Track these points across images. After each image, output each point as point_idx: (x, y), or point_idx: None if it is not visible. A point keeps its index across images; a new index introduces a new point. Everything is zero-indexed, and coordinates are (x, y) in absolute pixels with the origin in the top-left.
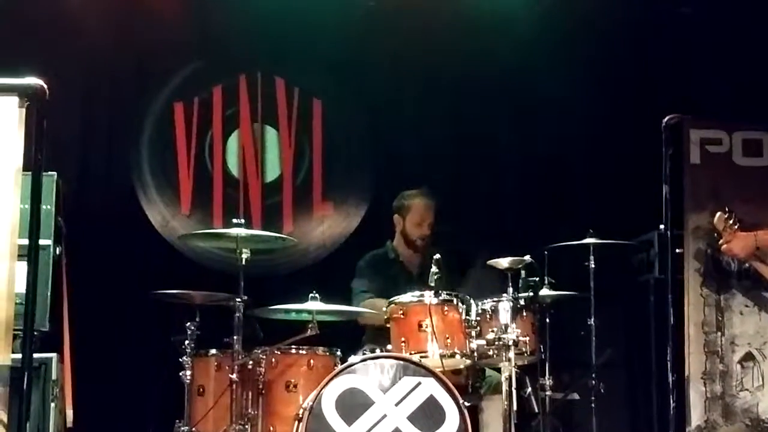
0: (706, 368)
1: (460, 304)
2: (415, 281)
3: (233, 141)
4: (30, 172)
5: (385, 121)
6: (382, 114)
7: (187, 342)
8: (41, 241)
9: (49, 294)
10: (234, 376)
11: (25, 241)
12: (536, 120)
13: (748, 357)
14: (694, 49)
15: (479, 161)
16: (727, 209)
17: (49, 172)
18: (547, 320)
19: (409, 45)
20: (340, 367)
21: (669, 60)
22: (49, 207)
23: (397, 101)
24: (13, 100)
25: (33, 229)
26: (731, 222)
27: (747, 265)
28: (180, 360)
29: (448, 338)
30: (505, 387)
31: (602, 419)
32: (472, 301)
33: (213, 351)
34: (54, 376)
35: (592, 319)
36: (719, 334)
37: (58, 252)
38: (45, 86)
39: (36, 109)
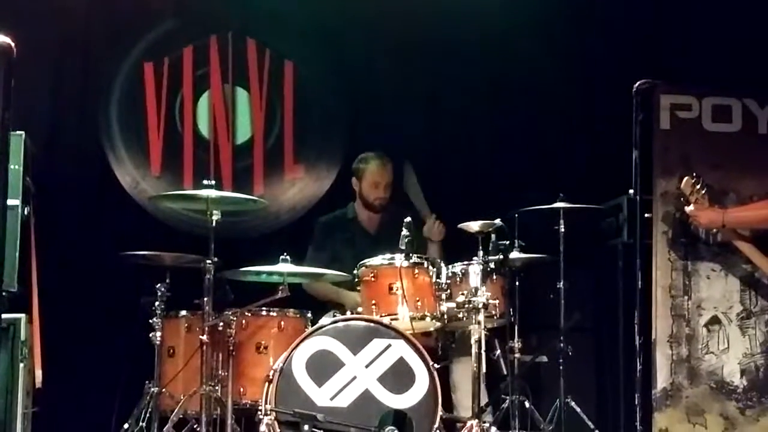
0: (672, 331)
1: (430, 267)
2: (372, 241)
3: (204, 102)
4: None
5: (358, 84)
6: (355, 76)
7: (157, 303)
8: (9, 201)
9: (17, 254)
10: (204, 338)
11: None
12: (509, 84)
13: (714, 321)
14: (666, 14)
15: (452, 125)
16: (694, 174)
17: (17, 132)
18: (517, 283)
19: (383, 6)
20: (310, 329)
21: (640, 24)
22: (17, 167)
23: (371, 63)
24: None
25: (1, 189)
26: (698, 187)
27: (715, 231)
28: (150, 321)
29: (418, 301)
30: (474, 349)
31: (570, 381)
32: (442, 264)
33: (183, 312)
34: (23, 337)
35: (562, 283)
36: (686, 298)
37: (26, 212)
38: (12, 44)
39: (3, 67)
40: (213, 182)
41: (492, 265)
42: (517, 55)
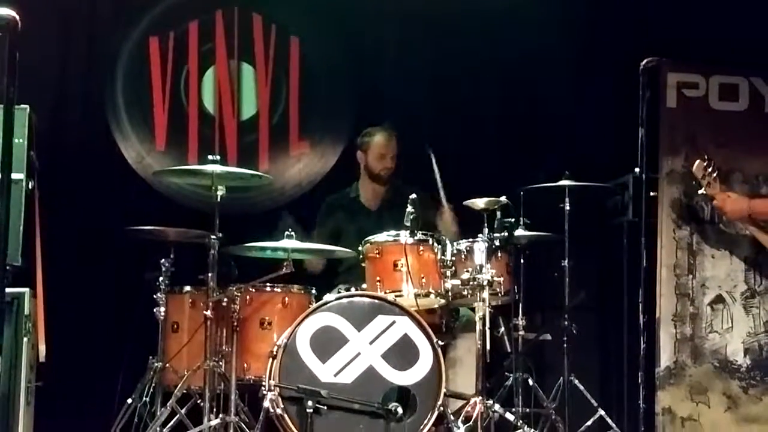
0: (676, 310)
1: (435, 244)
2: (373, 217)
3: (209, 77)
4: (2, 105)
5: (363, 60)
6: (360, 52)
7: (161, 279)
8: (14, 175)
9: (21, 228)
10: (208, 313)
11: None
12: (515, 61)
13: (719, 300)
14: None
15: (457, 102)
16: (706, 157)
17: (22, 105)
18: (522, 261)
19: None
20: (314, 305)
21: (648, 1)
22: (21, 140)
23: (376, 40)
24: None
25: (5, 162)
26: (710, 170)
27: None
28: (154, 296)
29: (423, 278)
30: (478, 327)
31: (574, 359)
32: (447, 241)
33: (187, 288)
34: (26, 311)
35: (566, 261)
36: (690, 276)
37: (30, 186)
38: (17, 17)
39: (8, 40)
40: (218, 158)
41: (497, 243)
42: (523, 30)
